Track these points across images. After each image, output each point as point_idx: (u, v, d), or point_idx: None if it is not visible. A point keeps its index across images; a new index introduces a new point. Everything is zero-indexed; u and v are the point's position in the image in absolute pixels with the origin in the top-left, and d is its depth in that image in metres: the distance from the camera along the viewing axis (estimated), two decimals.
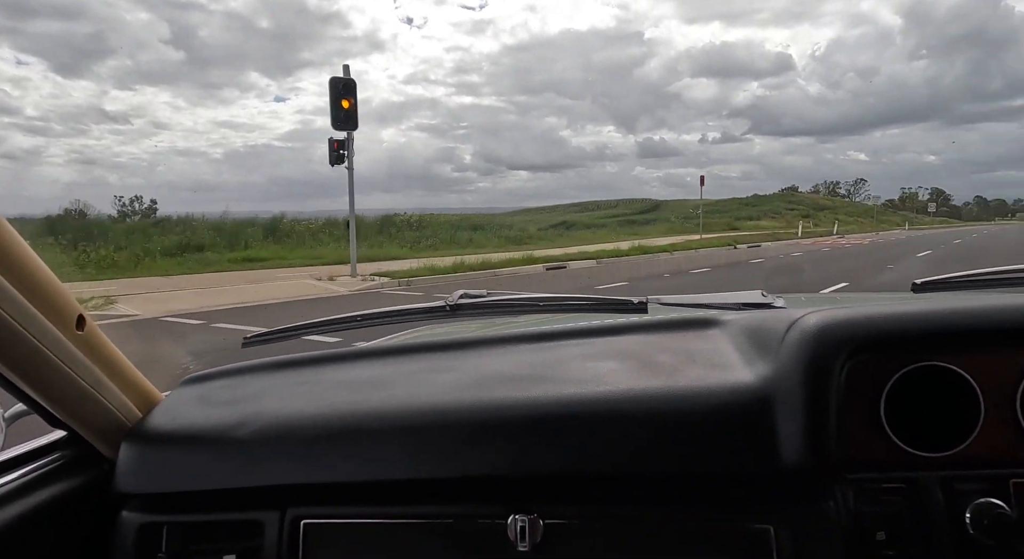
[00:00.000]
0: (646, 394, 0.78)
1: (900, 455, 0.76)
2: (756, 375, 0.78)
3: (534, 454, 0.77)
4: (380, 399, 0.85)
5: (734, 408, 0.75)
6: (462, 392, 0.84)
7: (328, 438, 0.81)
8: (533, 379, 0.86)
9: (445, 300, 1.10)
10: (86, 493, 0.82)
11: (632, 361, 0.89)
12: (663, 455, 0.75)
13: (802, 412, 0.72)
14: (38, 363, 0.68)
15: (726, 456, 0.74)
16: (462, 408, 0.81)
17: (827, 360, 0.74)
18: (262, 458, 0.81)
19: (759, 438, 0.73)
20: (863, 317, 0.77)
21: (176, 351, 5.96)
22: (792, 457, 0.72)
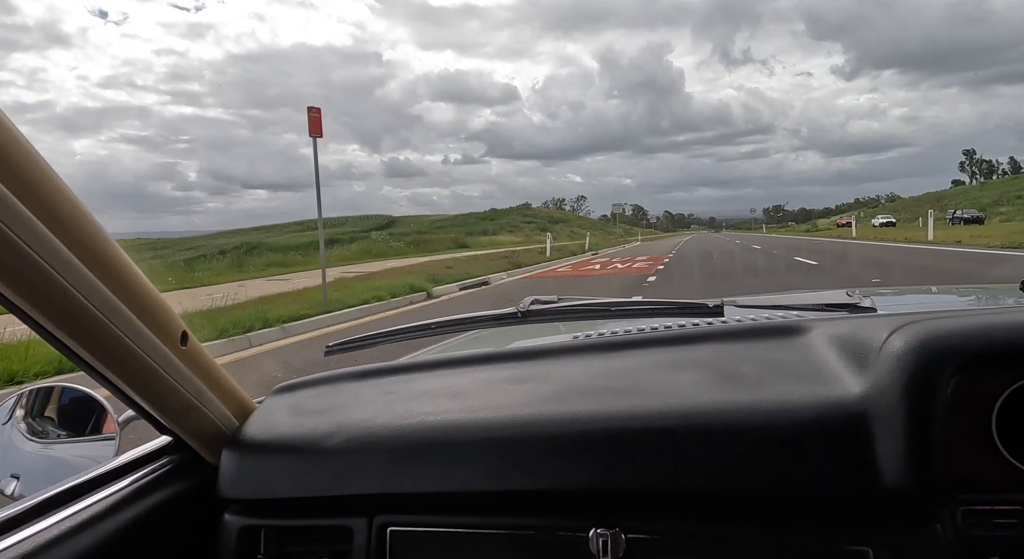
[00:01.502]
0: (731, 408, 0.74)
1: (1015, 476, 0.68)
2: (851, 389, 0.72)
3: (616, 469, 0.74)
4: (460, 410, 0.85)
5: (827, 425, 0.69)
6: (541, 404, 0.83)
7: (411, 449, 0.82)
8: (612, 391, 0.84)
9: (516, 306, 1.12)
10: (192, 496, 0.87)
11: (713, 372, 0.84)
12: (751, 473, 0.71)
13: (904, 430, 0.67)
14: (148, 377, 0.74)
15: (819, 476, 0.69)
16: (542, 421, 0.79)
17: (933, 374, 0.67)
18: (350, 468, 0.83)
19: (856, 457, 0.68)
20: (973, 328, 0.71)
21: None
22: (893, 478, 0.66)
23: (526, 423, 0.79)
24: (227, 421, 0.91)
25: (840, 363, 0.79)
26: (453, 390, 0.93)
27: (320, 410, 0.94)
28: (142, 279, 0.71)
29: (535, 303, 1.14)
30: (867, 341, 0.78)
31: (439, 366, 1.05)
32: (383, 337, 1.19)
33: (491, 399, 0.87)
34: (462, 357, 1.07)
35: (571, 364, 0.97)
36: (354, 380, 1.05)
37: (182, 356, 0.78)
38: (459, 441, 0.80)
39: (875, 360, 0.73)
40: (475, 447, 0.80)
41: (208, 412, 0.86)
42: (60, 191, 0.59)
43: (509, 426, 0.80)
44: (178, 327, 0.77)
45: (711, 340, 0.96)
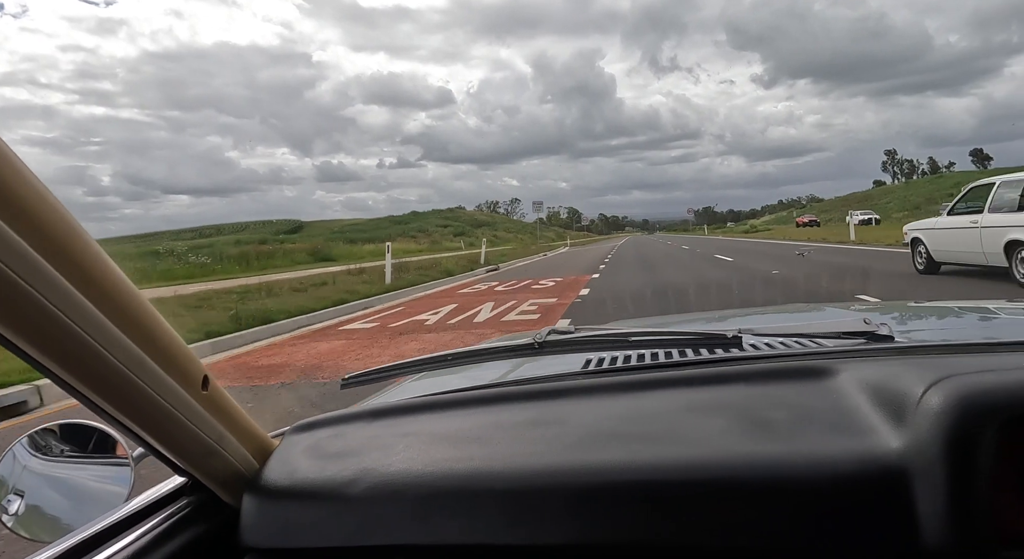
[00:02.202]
0: (767, 461, 0.71)
1: None
2: (889, 444, 0.70)
3: (645, 523, 0.72)
4: (482, 457, 0.83)
5: (866, 481, 0.67)
6: (566, 452, 0.80)
7: (433, 499, 0.80)
8: (639, 438, 0.81)
9: (533, 337, 1.13)
10: (212, 541, 0.85)
11: (742, 418, 0.81)
12: (784, 530, 0.68)
13: (945, 489, 0.64)
14: (169, 423, 0.74)
15: (858, 536, 0.66)
16: (568, 471, 0.77)
17: (976, 433, 0.65)
18: (375, 517, 0.81)
19: (895, 518, 0.66)
20: (1015, 384, 0.67)
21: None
22: (936, 540, 0.64)
23: (550, 473, 0.77)
24: (247, 463, 0.89)
25: (874, 413, 0.76)
26: (474, 433, 0.90)
27: (341, 453, 0.91)
28: (162, 323, 0.70)
29: (552, 334, 1.15)
30: (903, 392, 0.74)
31: (458, 405, 1.02)
32: (400, 369, 1.21)
33: (513, 445, 0.85)
34: (479, 396, 1.04)
35: (593, 404, 0.94)
36: (371, 420, 1.03)
37: (203, 401, 0.77)
38: (481, 491, 0.78)
39: (913, 414, 0.70)
40: (497, 498, 0.77)
41: (228, 455, 0.85)
42: (77, 236, 0.57)
43: (531, 475, 0.77)
44: (199, 371, 0.77)
45: (738, 381, 0.94)
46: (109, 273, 0.61)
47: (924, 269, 10.36)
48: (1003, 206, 8.44)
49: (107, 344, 0.61)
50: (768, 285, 11.24)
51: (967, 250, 9.12)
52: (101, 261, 0.60)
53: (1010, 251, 8.18)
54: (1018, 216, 8.08)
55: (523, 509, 0.76)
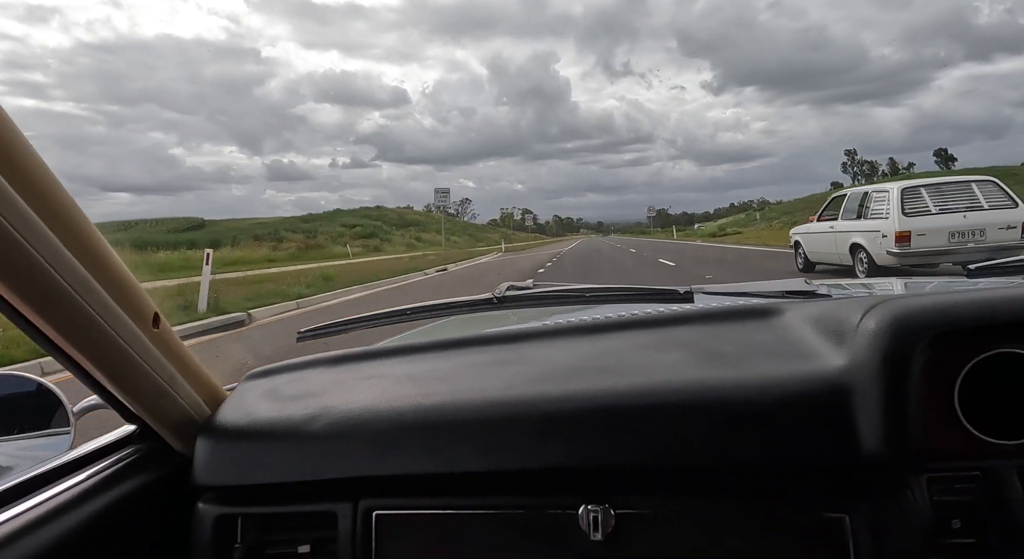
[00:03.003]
0: (718, 384, 0.76)
1: (976, 444, 0.73)
2: (830, 365, 0.75)
3: (606, 446, 0.75)
4: (448, 392, 0.84)
5: (810, 399, 0.72)
6: (530, 385, 0.83)
7: (399, 431, 0.81)
8: (599, 370, 0.84)
9: (492, 292, 1.12)
10: (161, 487, 0.84)
11: (696, 352, 0.86)
12: (738, 447, 0.73)
13: (882, 402, 0.70)
14: (120, 359, 0.71)
15: (803, 448, 0.72)
16: (532, 400, 0.79)
17: (908, 349, 0.70)
18: (335, 451, 0.82)
19: (837, 430, 0.71)
20: (942, 305, 0.74)
21: None
22: (872, 448, 0.70)
23: (515, 403, 0.79)
24: (199, 408, 0.87)
25: (818, 341, 0.81)
26: (437, 373, 0.92)
27: (299, 395, 0.91)
28: (114, 257, 0.67)
29: (511, 289, 1.14)
30: (843, 320, 0.80)
31: (420, 350, 1.03)
32: (357, 323, 1.17)
33: (479, 382, 0.86)
34: (444, 341, 1.05)
35: (554, 347, 0.97)
36: (332, 365, 1.02)
37: (154, 338, 0.75)
38: (449, 423, 0.79)
39: (852, 337, 0.75)
40: (465, 428, 0.79)
41: (179, 398, 0.82)
42: (36, 163, 0.56)
43: (498, 407, 0.79)
44: (150, 308, 0.74)
45: (690, 322, 0.98)
46: (63, 200, 0.59)
47: (803, 268, 11.81)
48: (849, 214, 9.96)
49: (62, 270, 0.59)
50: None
51: (828, 251, 10.64)
52: (57, 188, 0.59)
53: (853, 252, 9.69)
54: (858, 223, 9.59)
55: (489, 438, 0.77)
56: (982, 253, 8.36)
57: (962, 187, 8.94)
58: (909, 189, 9.00)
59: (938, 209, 8.72)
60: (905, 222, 8.68)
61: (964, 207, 8.69)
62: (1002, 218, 8.59)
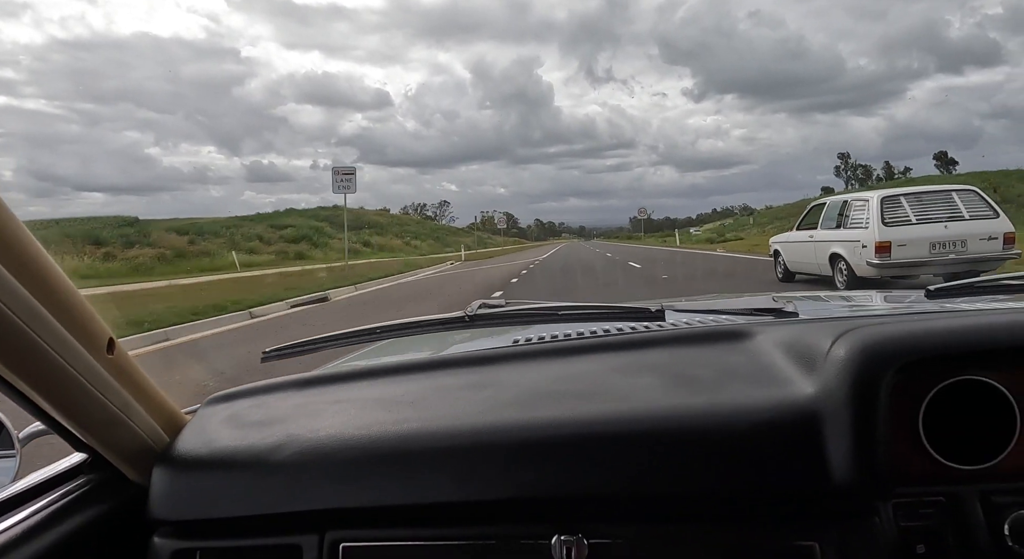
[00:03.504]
0: (691, 412, 0.76)
1: (939, 469, 0.75)
2: (801, 392, 0.76)
3: (580, 474, 0.75)
4: (419, 419, 0.82)
5: (782, 426, 0.73)
6: (502, 411, 0.82)
7: (368, 461, 0.78)
8: (572, 395, 0.84)
9: (464, 310, 1.11)
10: (114, 519, 0.80)
11: (668, 376, 0.86)
12: (711, 474, 0.73)
13: (852, 430, 0.71)
14: (69, 387, 0.67)
15: (775, 475, 0.72)
16: (504, 428, 0.78)
17: (876, 377, 0.72)
18: (300, 482, 0.79)
19: (809, 457, 0.71)
20: (908, 334, 0.76)
21: None
22: (843, 476, 0.70)
23: (485, 431, 0.78)
24: (156, 436, 0.83)
25: (789, 366, 0.82)
26: (407, 398, 0.90)
27: (263, 421, 0.88)
28: (64, 280, 0.64)
29: (483, 307, 1.13)
30: (813, 346, 0.81)
31: (388, 373, 1.01)
32: (325, 342, 1.14)
33: (450, 407, 0.85)
34: (414, 363, 1.03)
35: (527, 369, 0.96)
36: (298, 388, 0.99)
37: (108, 365, 0.72)
38: (417, 451, 0.78)
39: (822, 364, 0.76)
40: (436, 457, 0.77)
41: (135, 426, 0.79)
42: None
43: (468, 434, 0.78)
44: (104, 333, 0.71)
45: (662, 344, 0.98)
46: (8, 221, 0.56)
47: (783, 278, 11.61)
48: (828, 224, 9.73)
49: (4, 296, 0.56)
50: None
51: (807, 261, 10.41)
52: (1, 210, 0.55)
53: (833, 262, 9.45)
54: (838, 232, 9.36)
55: (461, 467, 0.76)
56: (963, 264, 8.19)
57: (943, 196, 8.74)
58: (889, 198, 8.79)
59: (918, 219, 8.51)
60: (885, 232, 8.46)
61: (945, 217, 8.49)
62: (983, 229, 8.40)
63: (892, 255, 8.39)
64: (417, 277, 21.99)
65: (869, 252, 8.53)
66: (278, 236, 43.60)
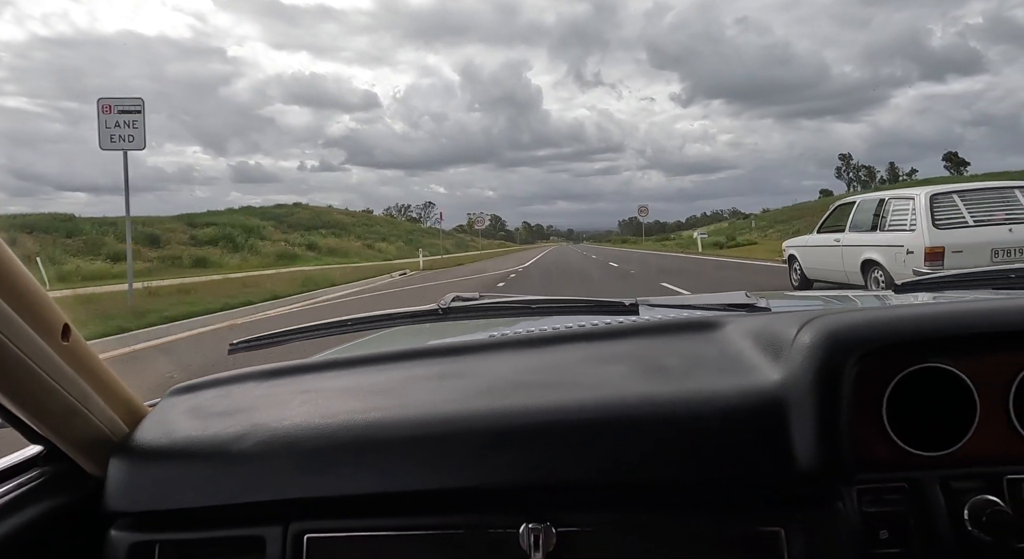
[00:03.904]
0: (660, 399, 0.77)
1: (901, 455, 0.77)
2: (767, 379, 0.77)
3: (549, 463, 0.75)
4: (388, 407, 0.81)
5: (748, 413, 0.74)
6: (473, 399, 0.81)
7: (335, 449, 0.77)
8: (543, 385, 0.84)
9: (437, 303, 1.11)
10: (70, 512, 0.78)
11: (638, 365, 0.87)
12: (679, 461, 0.74)
13: (815, 415, 0.72)
14: (22, 375, 0.65)
15: (742, 461, 0.73)
16: (475, 416, 0.78)
17: (840, 363, 0.73)
18: (265, 472, 0.77)
19: (774, 443, 0.72)
20: (873, 320, 0.77)
21: None
22: (807, 461, 0.71)
23: (456, 419, 0.78)
24: (114, 426, 0.81)
25: (756, 355, 0.83)
26: (377, 387, 0.89)
27: (227, 411, 0.86)
28: (16, 265, 0.63)
29: (456, 300, 1.12)
30: (780, 334, 0.82)
31: (359, 363, 0.99)
32: (294, 334, 1.12)
33: (418, 396, 0.85)
34: (383, 354, 1.02)
35: (496, 360, 0.96)
36: (264, 379, 0.97)
37: (63, 353, 0.70)
38: (386, 440, 0.77)
39: (788, 351, 0.77)
40: (403, 445, 0.76)
41: (92, 416, 0.77)
42: None
43: (439, 422, 0.78)
44: (58, 319, 0.69)
45: (633, 335, 0.98)
46: None
47: (799, 285, 10.35)
48: (860, 226, 8.37)
49: None
50: None
51: (831, 268, 9.10)
52: None
53: (866, 269, 8.09)
54: (873, 236, 7.99)
55: (429, 455, 0.75)
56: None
57: (1004, 194, 7.38)
58: (940, 195, 7.39)
59: (976, 221, 7.13)
60: (937, 236, 7.07)
61: (1008, 219, 7.09)
62: None
63: (945, 263, 6.99)
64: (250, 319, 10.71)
65: (916, 259, 7.15)
66: (188, 237, 35.86)
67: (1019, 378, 0.77)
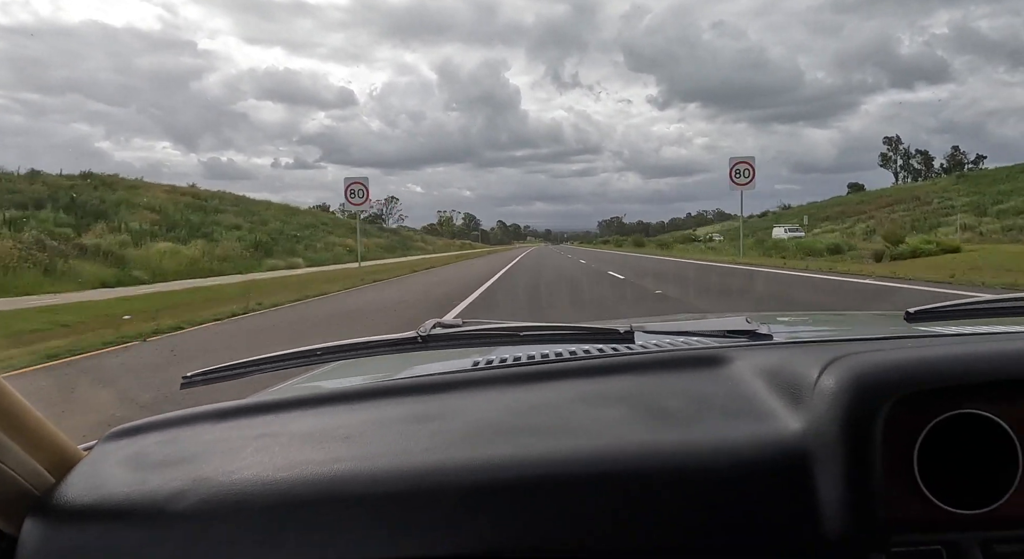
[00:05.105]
0: (665, 450, 0.67)
1: (936, 514, 0.68)
2: (786, 428, 0.68)
3: (538, 526, 0.65)
4: (354, 458, 0.70)
5: (766, 467, 0.65)
6: (452, 448, 0.71)
7: (291, 509, 0.66)
8: (531, 430, 0.73)
9: (417, 331, 1.01)
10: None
11: (638, 407, 0.77)
12: (688, 524, 0.65)
13: (845, 473, 0.64)
14: None
15: (759, 524, 0.64)
16: (452, 469, 0.68)
17: (871, 413, 0.65)
18: (207, 536, 0.66)
19: (798, 504, 0.64)
20: (908, 362, 0.69)
21: None
22: (836, 526, 0.63)
23: (433, 472, 0.68)
24: (37, 478, 0.71)
25: (772, 397, 0.75)
26: (343, 432, 0.78)
27: (170, 460, 0.75)
28: None
29: (437, 327, 1.02)
30: (799, 375, 0.74)
31: (326, 401, 0.88)
32: (256, 366, 1.00)
33: (391, 443, 0.74)
34: (354, 391, 0.90)
35: (481, 398, 0.85)
36: (217, 420, 0.85)
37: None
38: (352, 497, 0.66)
39: (810, 396, 0.69)
40: (373, 505, 0.66)
41: (9, 470, 0.67)
42: None
43: (414, 477, 0.67)
44: None
45: (631, 371, 0.90)
46: None
47: None
48: None
49: None
50: None
51: None
52: None
53: None
54: None
55: (399, 517, 0.65)
56: None
57: None
58: None
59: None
60: None
61: None
62: None
63: None
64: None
65: None
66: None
67: None
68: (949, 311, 1.04)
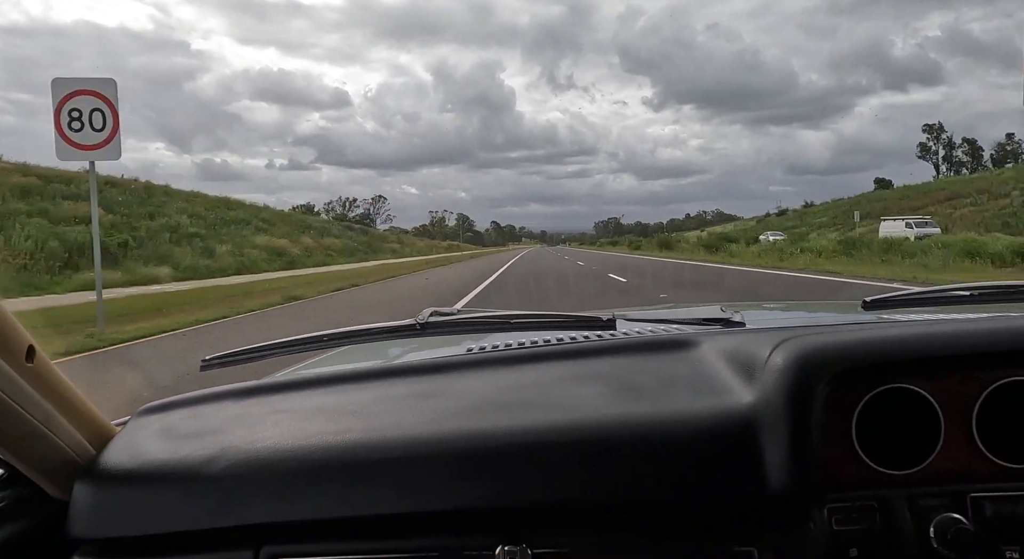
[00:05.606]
0: (636, 420, 0.77)
1: (870, 474, 0.79)
2: (740, 400, 0.78)
3: (525, 484, 0.75)
4: (362, 429, 0.80)
5: (721, 434, 0.74)
6: (449, 420, 0.81)
7: (308, 472, 0.76)
8: (519, 405, 0.84)
9: (415, 318, 1.10)
10: (32, 538, 0.76)
11: (615, 385, 0.88)
12: (653, 483, 0.74)
13: (787, 438, 0.73)
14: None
15: (715, 483, 0.73)
16: (450, 437, 0.78)
17: (811, 386, 0.75)
18: (236, 496, 0.76)
19: (747, 465, 0.73)
20: (845, 343, 0.80)
21: None
22: (779, 484, 0.72)
23: (431, 441, 0.78)
24: (80, 449, 0.79)
25: (730, 375, 0.84)
26: (351, 407, 0.88)
27: (198, 432, 0.85)
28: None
29: (434, 315, 1.11)
30: (753, 355, 0.83)
31: (335, 381, 0.98)
32: (269, 350, 1.10)
33: (393, 416, 0.84)
34: (360, 372, 1.02)
35: (474, 378, 0.96)
36: (237, 398, 0.96)
37: (27, 375, 0.68)
38: (363, 462, 0.76)
39: (761, 372, 0.79)
40: (380, 468, 0.76)
41: (57, 439, 0.75)
42: None
43: (413, 444, 0.77)
44: (23, 340, 0.67)
45: (610, 353, 1.00)
46: None
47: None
48: None
49: None
50: None
51: None
52: None
53: None
54: None
55: (404, 478, 0.75)
56: None
57: None
58: None
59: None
60: None
61: None
62: None
63: None
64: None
65: None
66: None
67: (982, 398, 0.78)
68: (901, 300, 1.19)
